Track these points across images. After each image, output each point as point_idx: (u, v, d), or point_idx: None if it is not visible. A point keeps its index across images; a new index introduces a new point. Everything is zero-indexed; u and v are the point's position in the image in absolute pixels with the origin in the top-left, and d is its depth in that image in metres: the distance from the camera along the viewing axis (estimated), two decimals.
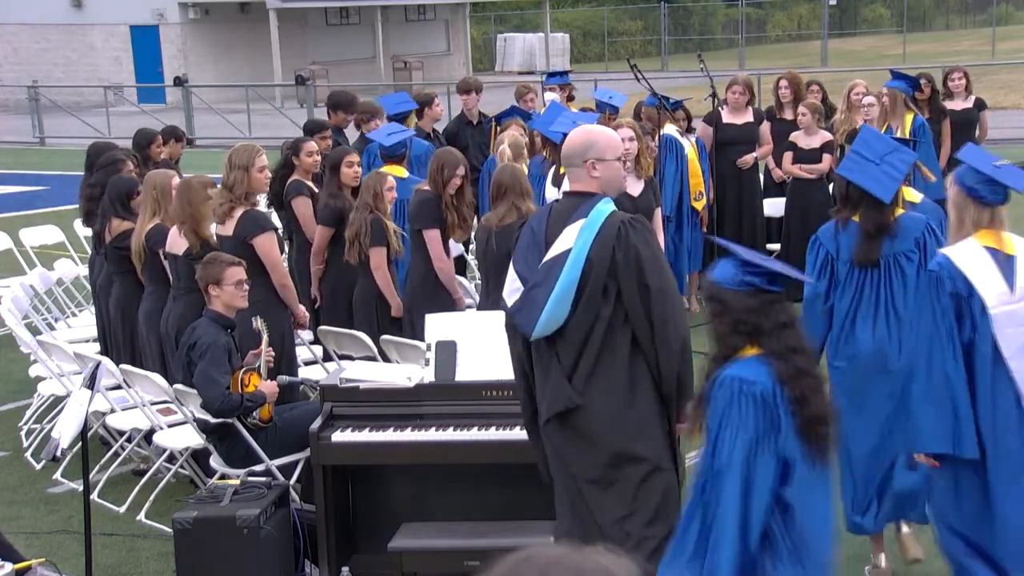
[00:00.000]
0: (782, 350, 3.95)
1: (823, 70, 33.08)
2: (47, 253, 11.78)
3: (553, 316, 4.87)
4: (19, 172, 24.05)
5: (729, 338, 4.04)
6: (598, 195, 4.97)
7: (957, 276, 4.88)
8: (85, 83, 35.67)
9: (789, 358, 3.96)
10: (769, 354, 3.98)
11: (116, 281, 8.12)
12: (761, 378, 3.95)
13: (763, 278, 3.99)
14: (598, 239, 4.84)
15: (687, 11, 52.77)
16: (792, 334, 3.99)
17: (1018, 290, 4.92)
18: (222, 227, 7.39)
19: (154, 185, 7.63)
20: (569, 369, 4.93)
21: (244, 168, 7.32)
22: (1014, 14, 58.57)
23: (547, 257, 4.92)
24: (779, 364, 3.96)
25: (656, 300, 4.83)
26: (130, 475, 7.70)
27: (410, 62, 40.09)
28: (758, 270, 3.99)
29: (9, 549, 5.91)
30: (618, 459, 4.92)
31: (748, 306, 3.99)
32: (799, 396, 3.92)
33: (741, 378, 3.96)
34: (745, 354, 4.02)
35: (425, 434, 5.91)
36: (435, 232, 7.73)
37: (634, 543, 4.89)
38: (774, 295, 4.01)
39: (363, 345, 7.28)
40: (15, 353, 9.77)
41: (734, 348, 4.03)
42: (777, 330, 3.99)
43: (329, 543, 6.00)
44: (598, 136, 5.10)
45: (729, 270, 4.04)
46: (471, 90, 11.98)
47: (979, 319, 4.86)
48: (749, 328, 4.00)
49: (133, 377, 7.10)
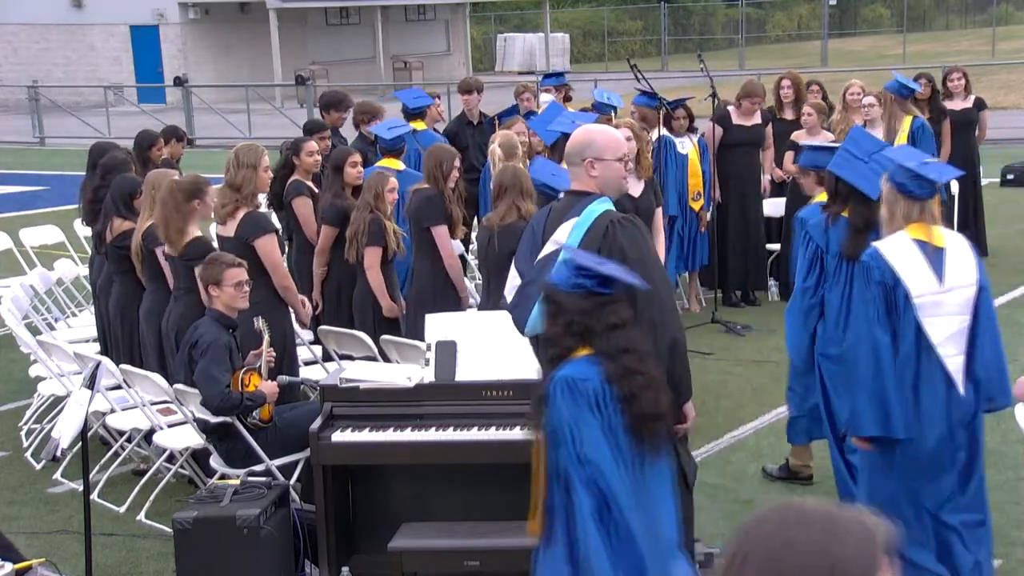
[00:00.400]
0: (612, 351, 4.10)
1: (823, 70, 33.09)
2: (47, 253, 11.78)
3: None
4: (19, 172, 24.06)
5: (562, 339, 4.17)
6: (595, 194, 4.97)
7: (885, 267, 5.19)
8: (85, 83, 35.69)
9: (618, 358, 4.10)
10: (599, 354, 4.12)
11: (116, 281, 8.13)
12: (591, 377, 4.09)
13: (594, 281, 4.13)
14: (586, 237, 4.85)
15: (687, 11, 52.78)
16: (623, 335, 4.13)
17: (946, 281, 5.20)
18: (223, 228, 7.39)
19: (153, 185, 7.63)
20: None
21: (252, 167, 7.34)
22: (1014, 14, 58.57)
23: (541, 254, 4.95)
24: (608, 364, 4.10)
25: (641, 301, 4.76)
26: (130, 475, 7.70)
27: (410, 62, 40.10)
28: (590, 273, 4.13)
29: (9, 549, 5.91)
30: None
31: (580, 308, 4.12)
32: (628, 394, 4.07)
33: (573, 377, 4.09)
34: (578, 355, 4.15)
35: (425, 434, 5.91)
36: (444, 228, 7.74)
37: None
38: (606, 297, 4.15)
39: (363, 345, 7.28)
40: (15, 353, 9.77)
41: (568, 349, 4.16)
42: (607, 331, 4.13)
43: (329, 543, 6.00)
44: (597, 135, 5.10)
45: (564, 273, 4.19)
46: (472, 90, 11.98)
47: (904, 308, 5.17)
48: (580, 329, 4.14)
49: (133, 377, 7.10)
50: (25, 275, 10.28)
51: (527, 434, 5.78)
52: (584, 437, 4.06)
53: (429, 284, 7.77)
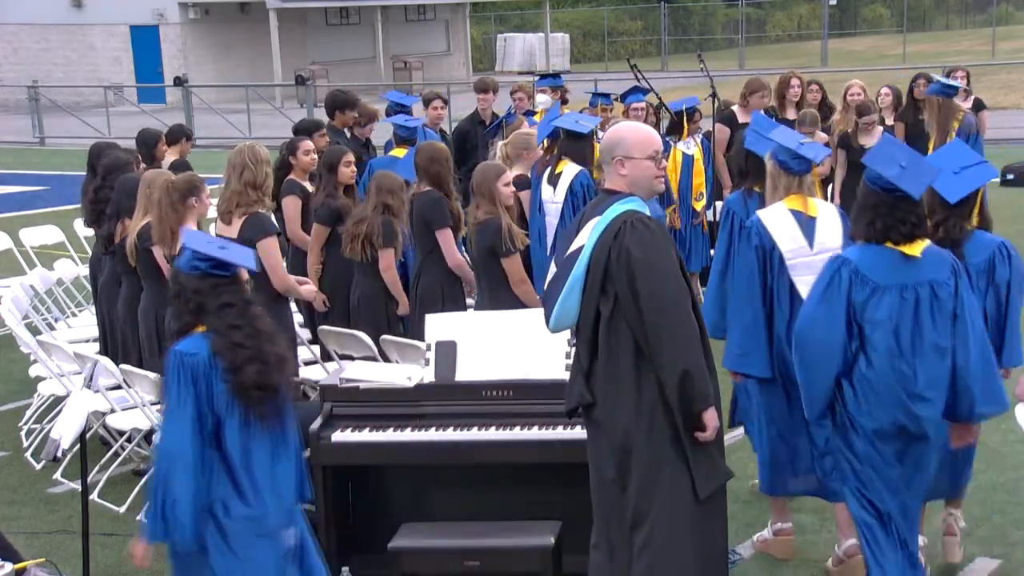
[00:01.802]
0: (221, 327, 4.60)
1: (823, 70, 33.10)
2: (47, 253, 11.78)
3: (563, 311, 4.93)
4: (19, 172, 24.06)
5: (183, 316, 4.70)
6: (623, 193, 4.91)
7: (764, 233, 5.97)
8: (85, 83, 35.69)
9: (227, 333, 4.60)
10: (211, 330, 4.63)
11: (124, 281, 8.10)
12: (200, 350, 4.59)
13: (208, 263, 4.63)
14: (601, 238, 4.84)
15: (687, 11, 52.78)
16: (234, 313, 4.64)
17: (816, 245, 5.92)
18: (227, 228, 7.40)
19: (149, 184, 7.63)
20: (586, 367, 4.96)
21: (268, 163, 7.41)
22: (1014, 14, 58.57)
23: (567, 252, 4.96)
24: (216, 339, 4.60)
25: (647, 306, 4.73)
26: (130, 475, 7.70)
27: (410, 62, 40.10)
28: (204, 257, 4.63)
29: (9, 549, 5.91)
30: (626, 459, 4.89)
31: (197, 288, 4.64)
32: (231, 366, 4.56)
33: (184, 351, 4.61)
34: (196, 331, 4.66)
35: (425, 434, 5.91)
36: (448, 232, 7.76)
37: (640, 544, 4.89)
38: (220, 279, 4.66)
39: (363, 345, 7.28)
40: (15, 353, 9.77)
41: (188, 325, 4.68)
42: (219, 309, 4.63)
43: (329, 543, 5.99)
44: (627, 133, 5.01)
45: (186, 255, 4.70)
46: (488, 90, 12.01)
47: (779, 268, 5.94)
48: (195, 307, 4.65)
49: (133, 377, 7.10)
50: (25, 275, 10.28)
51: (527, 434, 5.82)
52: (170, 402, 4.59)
53: (435, 283, 7.77)
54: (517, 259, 7.31)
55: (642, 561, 4.89)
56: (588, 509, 5.11)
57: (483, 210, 7.30)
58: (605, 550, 5.04)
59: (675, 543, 4.87)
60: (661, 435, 4.86)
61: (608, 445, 4.93)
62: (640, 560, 4.89)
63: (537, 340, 5.89)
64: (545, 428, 5.82)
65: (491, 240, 7.23)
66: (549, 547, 5.42)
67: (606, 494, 5.00)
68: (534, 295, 7.33)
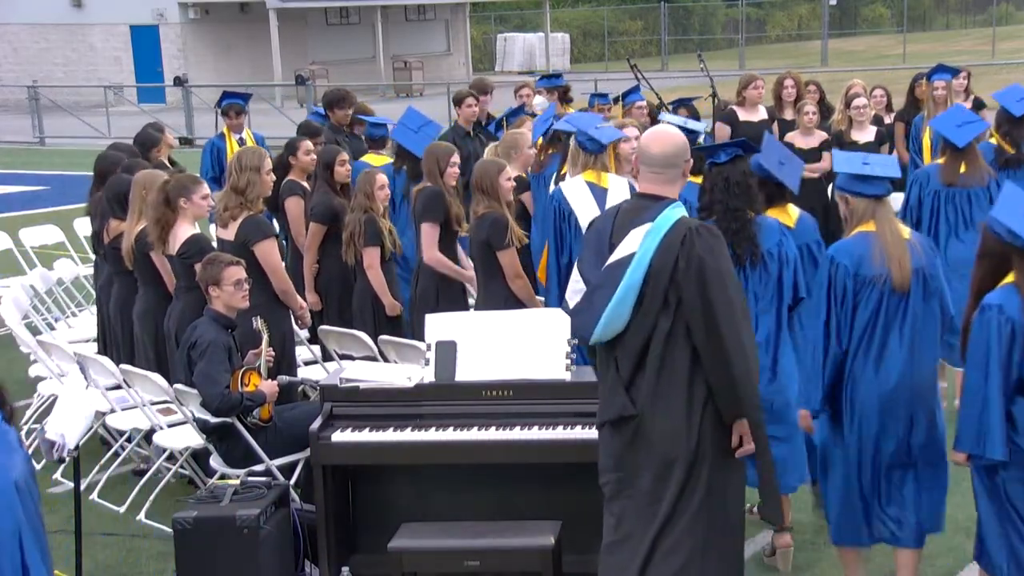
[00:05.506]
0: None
1: (823, 70, 33.11)
2: (47, 253, 11.77)
3: (612, 321, 4.69)
4: (19, 172, 24.05)
5: None
6: (669, 199, 4.78)
7: (563, 202, 7.33)
8: (85, 83, 35.69)
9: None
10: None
11: (116, 282, 8.12)
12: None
13: None
14: (662, 245, 4.65)
15: (687, 11, 52.76)
16: None
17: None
18: (224, 231, 7.40)
19: (143, 186, 7.63)
20: (627, 378, 4.77)
21: (256, 170, 7.36)
22: (1014, 14, 58.55)
23: (611, 260, 4.73)
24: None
25: (721, 315, 4.60)
26: (130, 475, 7.70)
27: (410, 62, 40.11)
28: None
29: None
30: (667, 471, 4.75)
31: None
32: None
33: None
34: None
35: (425, 434, 5.91)
36: (429, 226, 7.72)
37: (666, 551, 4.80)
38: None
39: (363, 345, 7.28)
40: (15, 353, 9.77)
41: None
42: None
43: (329, 543, 6.00)
44: (683, 139, 4.92)
45: None
46: (487, 91, 12.00)
47: (576, 233, 7.08)
48: None
49: (133, 377, 7.10)
50: (25, 275, 10.28)
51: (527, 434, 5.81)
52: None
53: (434, 282, 7.77)
54: (513, 253, 7.30)
55: (668, 566, 4.78)
56: (588, 509, 5.10)
57: (483, 205, 7.32)
58: (623, 553, 4.88)
59: (703, 556, 4.78)
60: (707, 447, 4.75)
61: (646, 455, 4.78)
62: (666, 564, 4.79)
63: (537, 340, 5.90)
64: (545, 428, 5.81)
65: (487, 232, 7.24)
66: (549, 547, 5.41)
67: (635, 503, 4.84)
68: (530, 290, 7.39)
